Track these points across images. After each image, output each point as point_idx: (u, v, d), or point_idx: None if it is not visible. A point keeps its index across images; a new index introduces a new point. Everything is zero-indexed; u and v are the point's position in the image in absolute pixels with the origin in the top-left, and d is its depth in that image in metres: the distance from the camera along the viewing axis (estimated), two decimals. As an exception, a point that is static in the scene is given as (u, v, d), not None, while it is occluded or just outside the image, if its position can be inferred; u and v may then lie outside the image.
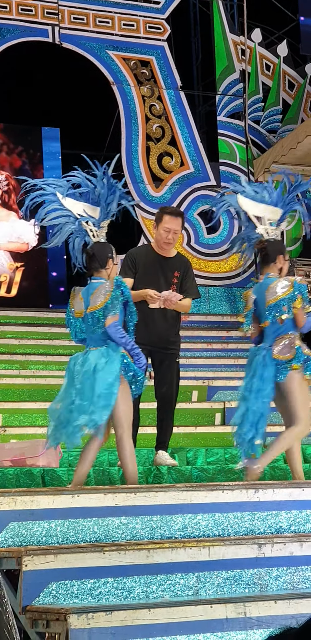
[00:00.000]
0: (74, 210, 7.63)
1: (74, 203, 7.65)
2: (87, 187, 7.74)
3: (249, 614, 5.38)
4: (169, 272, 8.42)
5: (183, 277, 8.47)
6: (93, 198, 7.70)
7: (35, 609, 5.48)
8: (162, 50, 16.33)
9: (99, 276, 7.46)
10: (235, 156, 16.52)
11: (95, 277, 7.47)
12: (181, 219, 8.49)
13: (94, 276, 7.46)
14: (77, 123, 16.43)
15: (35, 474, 7.96)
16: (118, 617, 5.10)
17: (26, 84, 16.82)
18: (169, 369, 8.44)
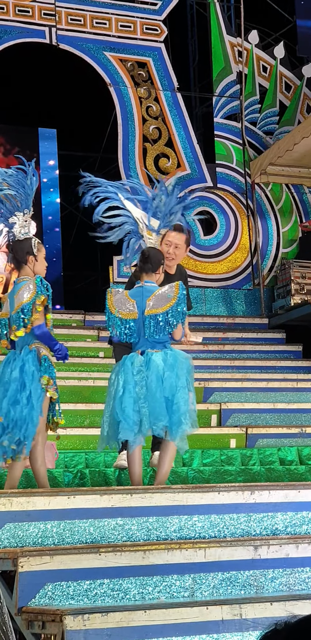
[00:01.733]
0: (133, 213, 7.65)
1: (133, 207, 7.67)
2: (146, 197, 7.73)
3: (245, 615, 5.38)
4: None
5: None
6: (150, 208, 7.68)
7: (31, 610, 5.48)
8: (159, 52, 16.34)
9: (149, 280, 7.51)
10: (232, 158, 16.53)
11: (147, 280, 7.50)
12: (184, 235, 8.42)
13: (146, 279, 7.49)
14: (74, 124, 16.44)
15: (31, 475, 7.95)
16: (114, 619, 5.10)
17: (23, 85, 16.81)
18: None
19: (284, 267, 15.77)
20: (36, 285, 7.20)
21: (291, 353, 14.43)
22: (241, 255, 16.23)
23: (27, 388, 7.11)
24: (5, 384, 7.17)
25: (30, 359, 7.18)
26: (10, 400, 7.11)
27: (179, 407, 7.20)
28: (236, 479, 8.57)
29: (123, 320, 7.38)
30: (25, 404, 7.07)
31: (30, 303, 7.16)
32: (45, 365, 7.19)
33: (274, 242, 16.45)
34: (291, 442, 10.33)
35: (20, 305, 7.18)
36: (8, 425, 7.08)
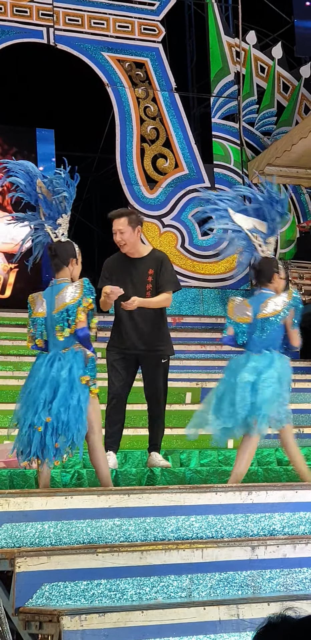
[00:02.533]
0: (244, 225, 7.90)
1: (244, 219, 7.92)
2: (258, 202, 7.98)
3: (242, 616, 5.38)
4: (142, 272, 8.38)
5: (157, 273, 8.42)
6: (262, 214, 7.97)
7: (28, 611, 5.47)
8: (157, 52, 16.34)
9: (266, 288, 7.97)
10: (229, 158, 16.54)
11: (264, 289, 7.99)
12: (124, 218, 8.41)
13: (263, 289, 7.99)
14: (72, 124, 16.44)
15: (29, 475, 7.96)
16: (111, 619, 5.10)
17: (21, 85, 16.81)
18: (156, 370, 8.44)
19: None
20: (83, 287, 7.31)
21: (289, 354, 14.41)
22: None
23: (76, 391, 7.15)
24: (51, 381, 7.17)
25: (79, 360, 7.25)
26: (61, 402, 7.12)
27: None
28: (233, 479, 8.56)
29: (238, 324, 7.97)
30: (76, 407, 7.12)
31: (76, 305, 7.25)
32: (91, 367, 7.27)
33: (272, 242, 16.44)
34: (288, 442, 10.31)
35: (65, 306, 7.26)
36: (58, 427, 7.10)
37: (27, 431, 7.13)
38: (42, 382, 7.19)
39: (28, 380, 7.37)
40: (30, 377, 7.33)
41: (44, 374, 7.21)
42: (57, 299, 7.33)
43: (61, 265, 7.49)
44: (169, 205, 15.96)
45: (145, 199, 15.86)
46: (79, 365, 7.23)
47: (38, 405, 7.13)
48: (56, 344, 7.31)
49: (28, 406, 7.20)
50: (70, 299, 7.27)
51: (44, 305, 7.42)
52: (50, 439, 7.08)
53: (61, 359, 7.23)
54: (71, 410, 7.11)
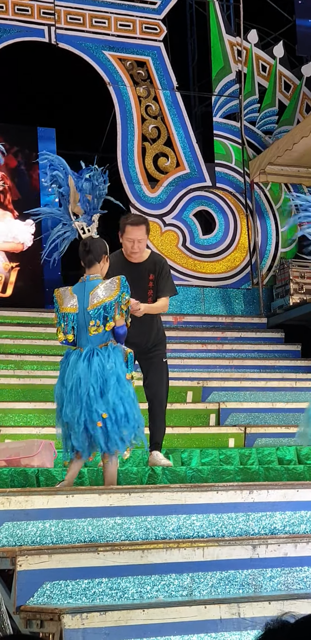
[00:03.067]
0: None
1: None
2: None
3: (243, 614, 5.38)
4: (144, 277, 8.38)
5: (157, 277, 8.43)
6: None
7: (29, 609, 5.48)
8: (158, 51, 16.33)
9: None
10: (231, 157, 16.53)
11: None
12: (143, 226, 8.41)
13: None
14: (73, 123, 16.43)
15: (30, 474, 7.96)
16: (112, 618, 5.10)
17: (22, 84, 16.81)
18: (157, 369, 8.46)
19: (283, 267, 15.77)
20: (121, 284, 7.38)
21: (290, 353, 14.44)
22: (240, 254, 16.23)
23: (124, 384, 7.27)
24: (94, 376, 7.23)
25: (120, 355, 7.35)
26: (113, 395, 7.22)
27: None
28: (234, 478, 8.57)
29: None
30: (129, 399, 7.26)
31: (114, 302, 7.32)
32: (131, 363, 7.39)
33: (273, 241, 16.45)
34: (289, 441, 10.33)
35: (102, 303, 7.32)
36: (118, 419, 7.20)
37: (83, 429, 7.20)
38: (85, 378, 7.23)
39: (65, 378, 7.38)
40: (68, 375, 7.35)
41: (83, 370, 7.26)
42: (92, 295, 7.39)
43: (94, 262, 7.56)
44: (171, 204, 15.95)
45: (146, 197, 15.85)
46: (120, 360, 7.34)
47: (88, 401, 7.19)
48: (91, 340, 7.38)
49: (74, 404, 7.24)
50: (107, 296, 7.35)
51: (74, 300, 7.46)
52: (113, 432, 7.17)
53: (99, 354, 7.30)
54: (126, 402, 7.24)
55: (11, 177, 15.55)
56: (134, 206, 15.57)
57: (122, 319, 7.36)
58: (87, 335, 7.38)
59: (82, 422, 7.20)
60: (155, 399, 8.49)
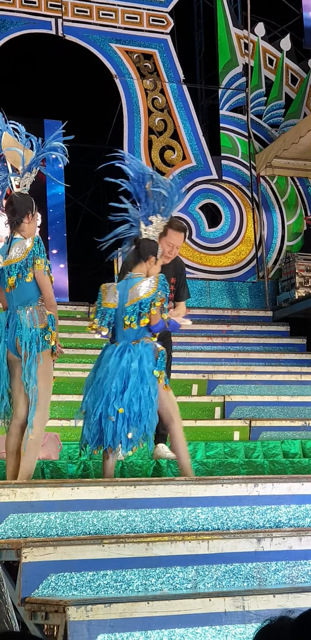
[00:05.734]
0: None
1: None
2: None
3: (247, 607, 5.38)
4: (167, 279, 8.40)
5: (178, 282, 8.52)
6: None
7: (34, 601, 5.49)
8: (165, 44, 16.32)
9: None
10: (237, 150, 16.52)
11: None
12: (184, 234, 8.48)
13: None
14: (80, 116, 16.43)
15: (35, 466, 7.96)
16: (117, 610, 5.11)
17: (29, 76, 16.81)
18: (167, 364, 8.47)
19: (289, 260, 15.76)
20: (158, 282, 7.44)
21: (295, 346, 14.44)
22: (246, 248, 16.22)
23: (146, 383, 7.27)
24: (120, 372, 7.30)
25: (149, 352, 7.38)
26: (132, 392, 7.25)
27: None
28: (239, 471, 8.58)
29: None
30: (147, 398, 7.25)
31: (150, 299, 7.39)
32: (161, 361, 7.41)
33: (279, 235, 16.45)
34: (294, 434, 10.34)
35: (139, 300, 7.40)
36: (130, 417, 7.23)
37: (97, 420, 7.27)
38: (112, 372, 7.32)
39: (97, 370, 7.51)
40: (100, 367, 7.48)
41: (113, 365, 7.35)
42: (131, 292, 7.49)
43: (140, 260, 7.63)
44: (177, 197, 15.94)
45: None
46: (149, 358, 7.37)
47: (109, 396, 7.27)
48: (126, 336, 7.46)
49: (97, 396, 7.34)
50: (144, 293, 7.43)
51: (116, 296, 7.57)
52: (122, 429, 7.22)
53: (130, 351, 7.38)
54: (143, 401, 7.26)
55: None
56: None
57: (157, 317, 7.43)
58: (123, 331, 7.48)
59: (98, 414, 7.29)
60: None
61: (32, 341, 7.10)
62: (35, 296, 7.22)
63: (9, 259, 7.23)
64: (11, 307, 7.25)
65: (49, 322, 7.19)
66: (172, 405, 7.52)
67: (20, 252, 7.20)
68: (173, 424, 7.52)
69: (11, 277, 7.19)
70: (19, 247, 7.22)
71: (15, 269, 7.18)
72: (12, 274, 7.19)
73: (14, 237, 7.31)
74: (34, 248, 7.17)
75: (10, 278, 7.19)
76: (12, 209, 7.35)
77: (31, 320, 7.14)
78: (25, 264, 7.17)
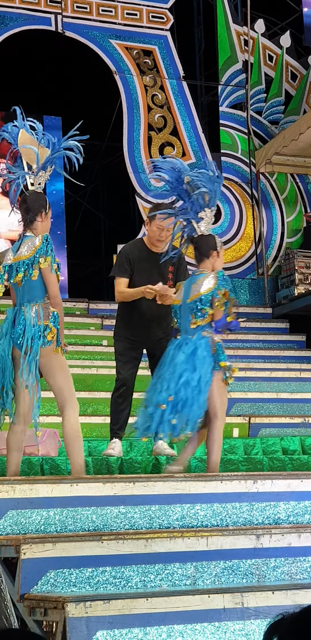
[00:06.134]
0: None
1: None
2: None
3: (246, 604, 5.38)
4: (164, 267, 8.41)
5: (177, 269, 8.48)
6: None
7: (33, 597, 5.49)
8: (165, 40, 16.32)
9: None
10: (237, 147, 16.52)
11: None
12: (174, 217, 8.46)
13: None
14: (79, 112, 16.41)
15: (34, 463, 7.97)
16: (116, 606, 5.11)
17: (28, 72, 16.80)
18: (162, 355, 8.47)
19: (288, 257, 15.76)
20: (217, 278, 7.60)
21: (295, 343, 14.44)
22: (246, 244, 16.23)
23: (197, 371, 7.43)
24: (174, 365, 7.48)
25: (203, 344, 7.53)
26: (181, 380, 7.41)
27: None
28: (238, 468, 8.58)
29: None
30: (195, 386, 7.38)
31: (209, 295, 7.57)
32: (219, 352, 7.58)
33: (278, 231, 16.45)
34: (294, 431, 10.34)
35: (199, 296, 7.58)
36: (177, 404, 7.38)
37: (153, 410, 7.45)
38: (168, 363, 7.54)
39: (160, 365, 7.70)
40: (161, 362, 7.69)
41: (171, 357, 7.58)
42: (193, 288, 7.67)
43: (201, 258, 7.80)
44: (176, 194, 15.94)
45: (152, 187, 15.84)
46: (204, 349, 7.52)
47: (162, 385, 7.47)
48: (187, 330, 7.64)
49: (155, 388, 7.56)
50: (204, 289, 7.60)
51: (181, 293, 7.78)
52: (168, 416, 7.39)
53: (188, 343, 7.56)
54: (190, 389, 7.40)
55: (17, 166, 15.52)
56: (140, 195, 15.56)
57: (220, 312, 7.58)
58: (186, 326, 7.66)
59: (153, 404, 7.49)
60: None
61: (35, 338, 7.11)
62: (42, 294, 7.24)
63: (18, 255, 7.26)
64: (18, 303, 7.29)
65: (50, 319, 7.19)
66: (220, 401, 7.61)
67: (29, 249, 7.24)
68: (216, 420, 7.58)
69: (18, 273, 7.22)
70: (28, 245, 7.26)
71: (22, 266, 7.21)
72: (20, 270, 7.23)
73: (26, 234, 7.35)
74: (42, 246, 7.19)
75: (17, 275, 7.22)
76: (26, 207, 7.40)
77: (36, 317, 7.15)
78: (32, 262, 7.19)
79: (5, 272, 7.31)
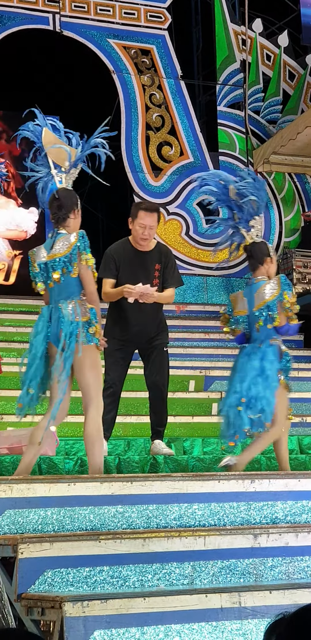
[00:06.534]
0: None
1: None
2: None
3: (244, 603, 5.38)
4: (150, 266, 8.40)
5: (164, 268, 8.45)
6: None
7: (30, 597, 5.48)
8: (163, 39, 16.32)
9: None
10: (235, 146, 16.52)
11: None
12: (156, 214, 8.45)
13: None
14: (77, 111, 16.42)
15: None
16: (113, 606, 5.11)
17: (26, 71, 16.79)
18: (157, 358, 8.46)
19: (286, 256, 15.77)
20: (281, 283, 7.85)
21: (293, 342, 14.44)
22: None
23: (265, 372, 7.70)
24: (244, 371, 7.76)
25: (271, 351, 7.78)
26: (251, 381, 7.68)
27: None
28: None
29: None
30: (264, 384, 7.66)
31: (275, 300, 7.82)
32: (285, 360, 7.87)
33: (276, 231, 16.45)
34: (291, 431, 10.33)
35: (265, 303, 7.82)
36: (250, 400, 7.66)
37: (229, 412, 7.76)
38: (239, 371, 7.81)
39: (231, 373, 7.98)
40: (232, 370, 7.97)
41: (241, 364, 7.84)
42: (257, 296, 7.89)
43: (256, 265, 8.02)
44: (174, 193, 15.95)
45: (150, 186, 15.85)
46: (271, 357, 7.76)
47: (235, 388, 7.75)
48: (255, 338, 7.89)
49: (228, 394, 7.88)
50: (269, 296, 7.82)
51: (245, 303, 7.97)
52: (245, 414, 7.68)
53: (256, 352, 7.81)
54: (260, 386, 7.66)
55: (15, 165, 15.53)
56: (138, 195, 15.56)
57: (284, 318, 7.83)
58: (254, 334, 7.88)
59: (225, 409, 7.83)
60: (155, 387, 8.49)
61: (73, 334, 7.09)
62: (78, 291, 7.22)
63: (53, 253, 7.24)
64: (53, 301, 7.26)
65: (91, 316, 7.17)
66: (281, 408, 7.81)
67: (64, 246, 7.22)
68: (273, 427, 7.77)
69: (56, 271, 7.20)
70: (63, 242, 7.24)
71: (59, 263, 7.19)
72: (57, 268, 7.20)
73: (59, 232, 7.33)
74: (79, 242, 7.19)
75: (54, 272, 7.20)
76: (59, 204, 7.38)
77: (73, 313, 7.14)
78: (69, 259, 7.17)
79: (41, 270, 7.31)
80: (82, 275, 7.18)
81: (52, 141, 7.66)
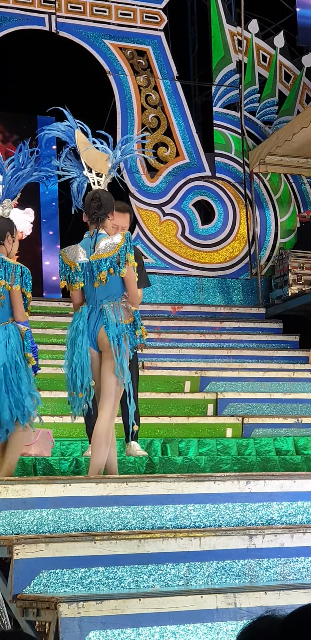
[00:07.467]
0: None
1: None
2: None
3: (239, 604, 5.39)
4: None
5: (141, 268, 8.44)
6: None
7: (25, 598, 5.48)
8: (158, 40, 16.31)
9: None
10: (230, 147, 16.52)
11: None
12: (128, 214, 8.48)
13: None
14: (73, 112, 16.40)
15: (27, 463, 7.97)
16: (108, 607, 5.11)
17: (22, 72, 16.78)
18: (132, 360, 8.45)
19: (282, 257, 15.77)
20: None
21: (288, 343, 14.45)
22: (239, 244, 16.23)
23: None
24: None
25: None
26: None
27: None
28: (231, 468, 8.58)
29: None
30: None
31: None
32: None
33: (272, 232, 16.45)
34: (287, 432, 10.35)
35: None
36: None
37: None
38: None
39: None
40: None
41: None
42: None
43: None
44: (170, 194, 15.95)
45: (146, 187, 15.85)
46: None
47: None
48: None
49: None
50: None
51: None
52: None
53: None
54: None
55: (11, 166, 15.52)
56: (134, 195, 15.57)
57: None
58: None
59: None
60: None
61: (120, 336, 7.10)
62: (120, 291, 7.25)
63: (98, 253, 7.25)
64: (94, 301, 7.27)
65: (136, 318, 7.19)
66: None
67: (109, 247, 7.24)
68: None
69: (102, 271, 7.22)
70: (107, 242, 7.26)
71: (105, 263, 7.21)
72: (103, 268, 7.22)
73: (99, 232, 7.36)
74: (126, 243, 7.21)
75: (100, 273, 7.21)
76: (99, 204, 7.42)
77: (116, 315, 7.15)
78: (116, 260, 7.19)
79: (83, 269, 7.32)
80: (127, 276, 7.22)
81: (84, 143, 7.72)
